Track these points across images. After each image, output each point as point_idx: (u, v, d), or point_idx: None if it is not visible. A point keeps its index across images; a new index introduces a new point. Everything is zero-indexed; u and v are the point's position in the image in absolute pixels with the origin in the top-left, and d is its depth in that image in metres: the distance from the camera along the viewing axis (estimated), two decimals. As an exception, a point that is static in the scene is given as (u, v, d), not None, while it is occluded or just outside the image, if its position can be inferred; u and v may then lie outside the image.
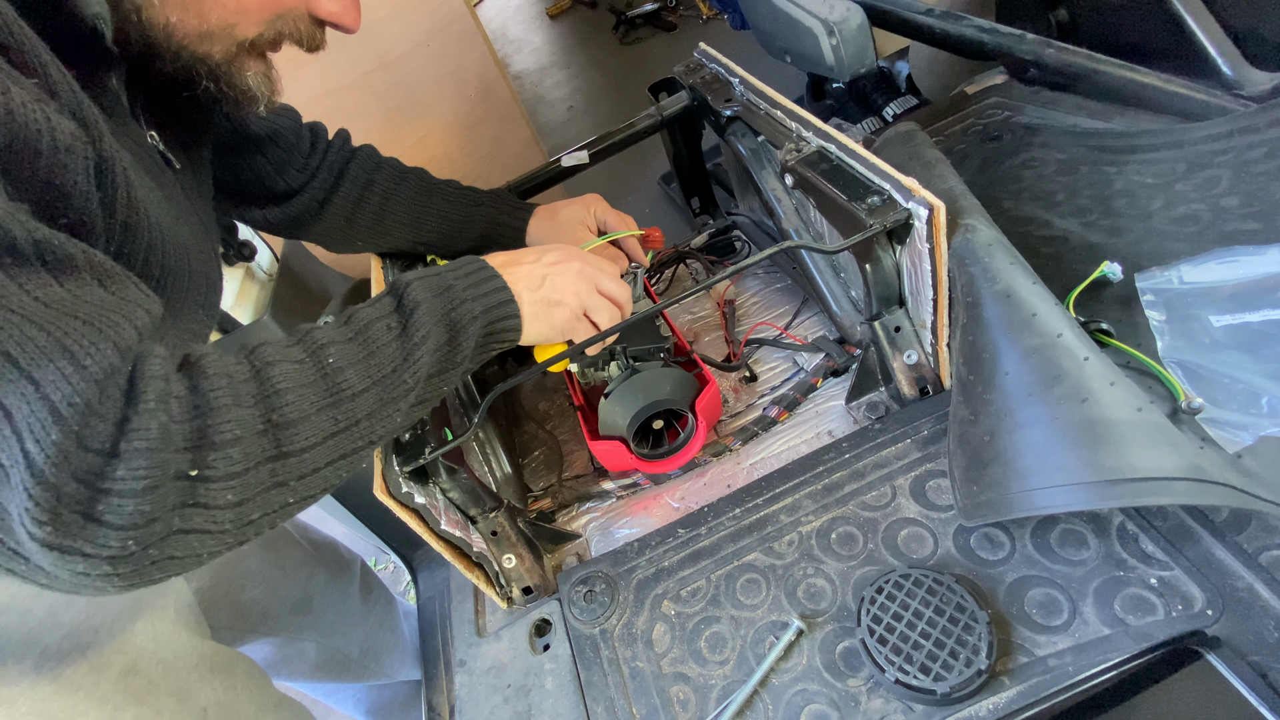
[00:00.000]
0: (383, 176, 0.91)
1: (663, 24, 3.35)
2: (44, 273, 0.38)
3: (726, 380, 1.00)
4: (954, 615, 0.61)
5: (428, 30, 1.54)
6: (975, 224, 0.72)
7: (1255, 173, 0.81)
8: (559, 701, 0.72)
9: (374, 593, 1.20)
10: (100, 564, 0.37)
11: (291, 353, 0.46)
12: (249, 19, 0.54)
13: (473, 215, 0.94)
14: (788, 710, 0.63)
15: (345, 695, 1.26)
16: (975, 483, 0.65)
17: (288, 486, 0.44)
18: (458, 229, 0.94)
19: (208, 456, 0.39)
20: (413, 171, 0.94)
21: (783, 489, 0.79)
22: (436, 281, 0.56)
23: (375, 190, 0.91)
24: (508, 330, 0.62)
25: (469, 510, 0.74)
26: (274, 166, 0.85)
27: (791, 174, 0.81)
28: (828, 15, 1.17)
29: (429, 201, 0.93)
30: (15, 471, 0.34)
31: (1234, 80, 0.91)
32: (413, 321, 0.52)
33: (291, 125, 0.87)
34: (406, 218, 0.92)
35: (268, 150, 0.84)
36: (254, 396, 0.43)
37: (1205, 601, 0.57)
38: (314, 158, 0.88)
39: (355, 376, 0.48)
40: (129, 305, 0.40)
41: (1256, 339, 0.66)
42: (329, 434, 0.46)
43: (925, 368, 0.81)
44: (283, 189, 0.86)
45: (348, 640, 1.10)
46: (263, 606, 0.95)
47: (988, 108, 1.14)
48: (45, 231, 0.38)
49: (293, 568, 1.01)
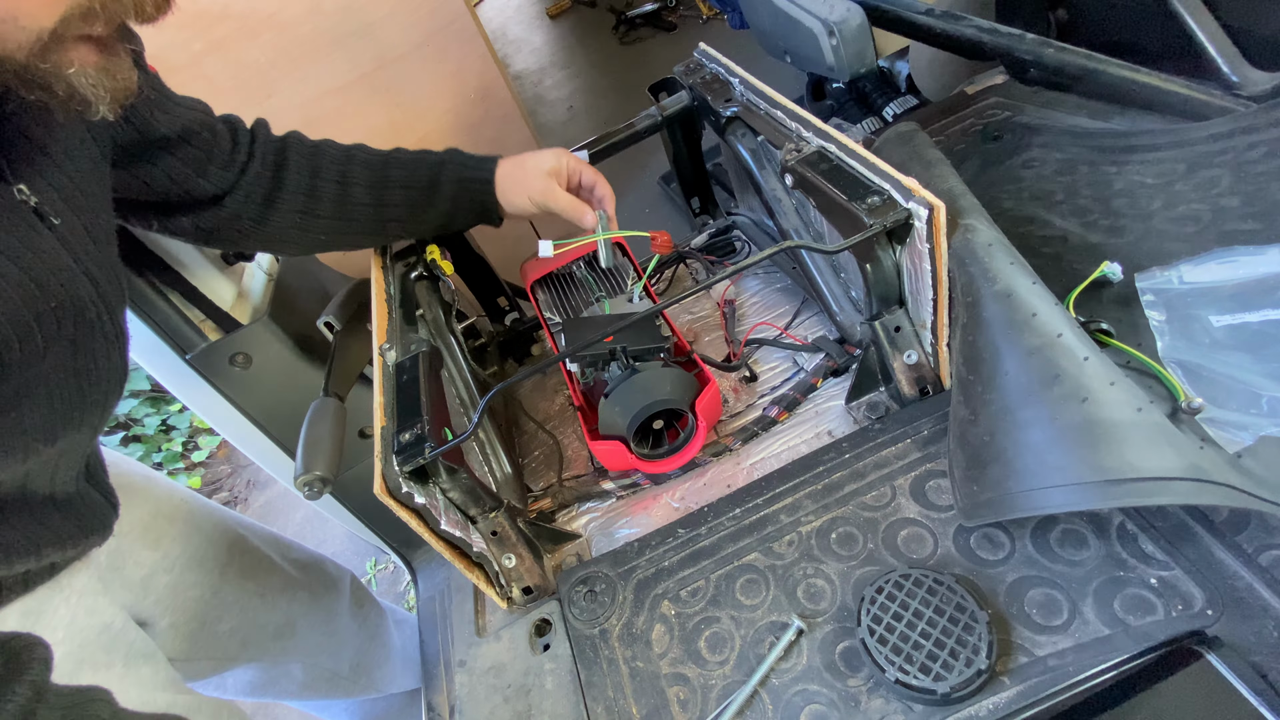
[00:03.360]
0: (327, 160, 0.82)
1: (663, 24, 3.35)
2: None
3: (726, 380, 1.00)
4: (954, 615, 0.61)
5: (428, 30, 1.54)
6: (975, 224, 0.72)
7: (1255, 173, 0.81)
8: (559, 701, 0.72)
9: (364, 607, 1.18)
10: None
11: None
12: (30, 5, 0.42)
13: (437, 178, 0.85)
14: (788, 710, 0.63)
15: (339, 709, 1.25)
16: (975, 483, 0.65)
17: None
18: (425, 197, 0.85)
19: None
20: (355, 148, 0.85)
21: (783, 489, 0.79)
22: None
23: (325, 176, 0.81)
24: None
25: (469, 510, 0.74)
26: (192, 167, 0.74)
27: (791, 174, 0.81)
28: (828, 15, 1.17)
29: (387, 174, 0.83)
30: None
31: (1234, 80, 0.91)
32: None
33: (203, 120, 0.76)
34: (368, 198, 0.83)
35: (178, 150, 0.73)
36: None
37: (1205, 601, 0.57)
38: (238, 152, 0.78)
39: None
40: None
41: (1256, 339, 0.66)
42: None
43: (925, 368, 0.81)
44: (209, 191, 0.76)
45: (336, 658, 1.09)
46: (241, 635, 0.93)
47: (988, 108, 1.14)
48: None
49: (273, 594, 0.99)
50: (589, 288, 1.02)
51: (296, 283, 1.08)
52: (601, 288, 1.02)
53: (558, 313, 1.01)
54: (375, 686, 1.17)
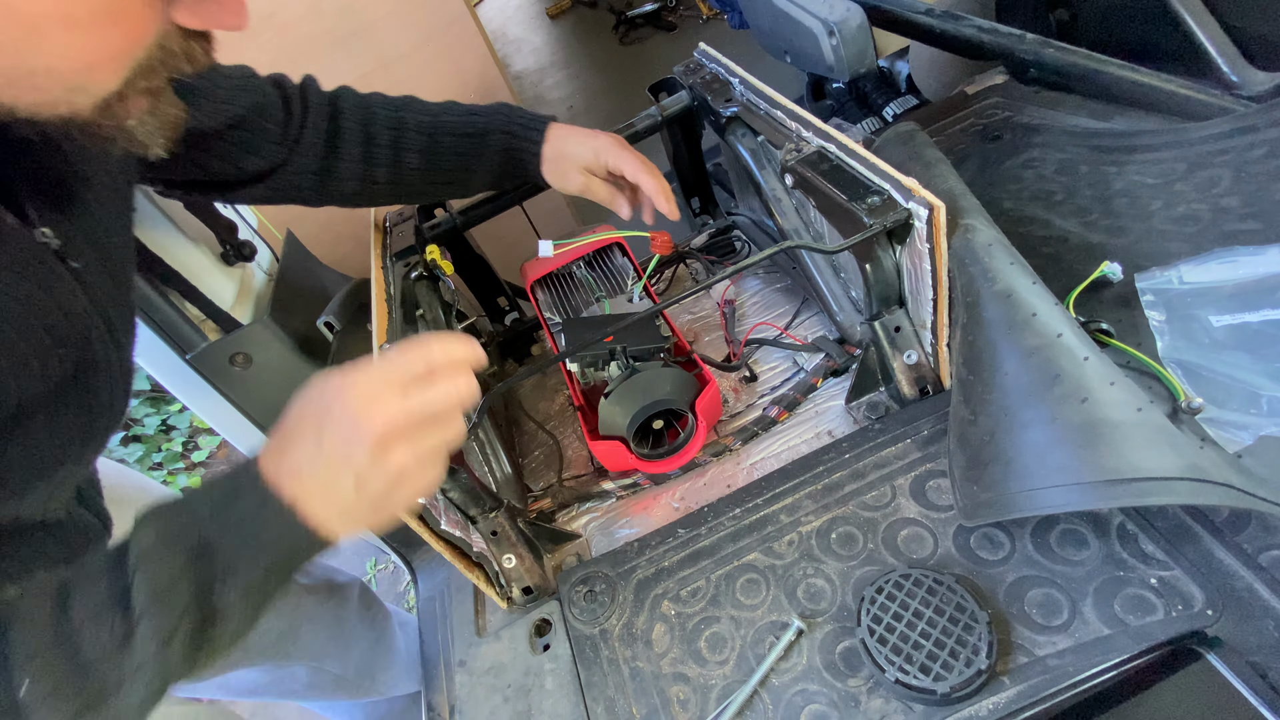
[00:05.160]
0: (380, 126, 0.82)
1: (663, 24, 3.35)
2: None
3: (726, 380, 1.00)
4: (954, 615, 0.61)
5: (428, 30, 1.54)
6: (975, 224, 0.72)
7: (1255, 173, 0.81)
8: (559, 701, 0.72)
9: (372, 611, 1.19)
10: None
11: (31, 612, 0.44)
12: (102, 72, 0.44)
13: (482, 149, 0.85)
14: (788, 710, 0.63)
15: (341, 710, 1.26)
16: (975, 483, 0.65)
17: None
18: (473, 164, 0.85)
19: None
20: (405, 108, 0.84)
21: (783, 489, 0.79)
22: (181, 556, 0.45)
23: (379, 142, 0.82)
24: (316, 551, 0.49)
25: (469, 510, 0.74)
26: (245, 149, 0.76)
27: (791, 174, 0.81)
28: (828, 15, 1.17)
29: (438, 141, 0.83)
30: None
31: (1234, 80, 0.91)
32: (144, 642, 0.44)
33: (253, 100, 0.76)
34: (421, 162, 0.83)
35: (230, 135, 0.75)
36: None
37: (1205, 601, 0.57)
38: (291, 125, 0.78)
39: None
40: None
41: (1256, 339, 0.66)
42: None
43: (925, 368, 0.81)
44: (263, 167, 0.77)
45: (341, 662, 1.09)
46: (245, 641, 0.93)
47: (988, 108, 1.13)
48: None
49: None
50: (589, 288, 1.02)
51: (296, 283, 1.08)
52: (601, 288, 1.02)
53: (558, 313, 1.01)
54: (379, 689, 1.18)
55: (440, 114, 0.85)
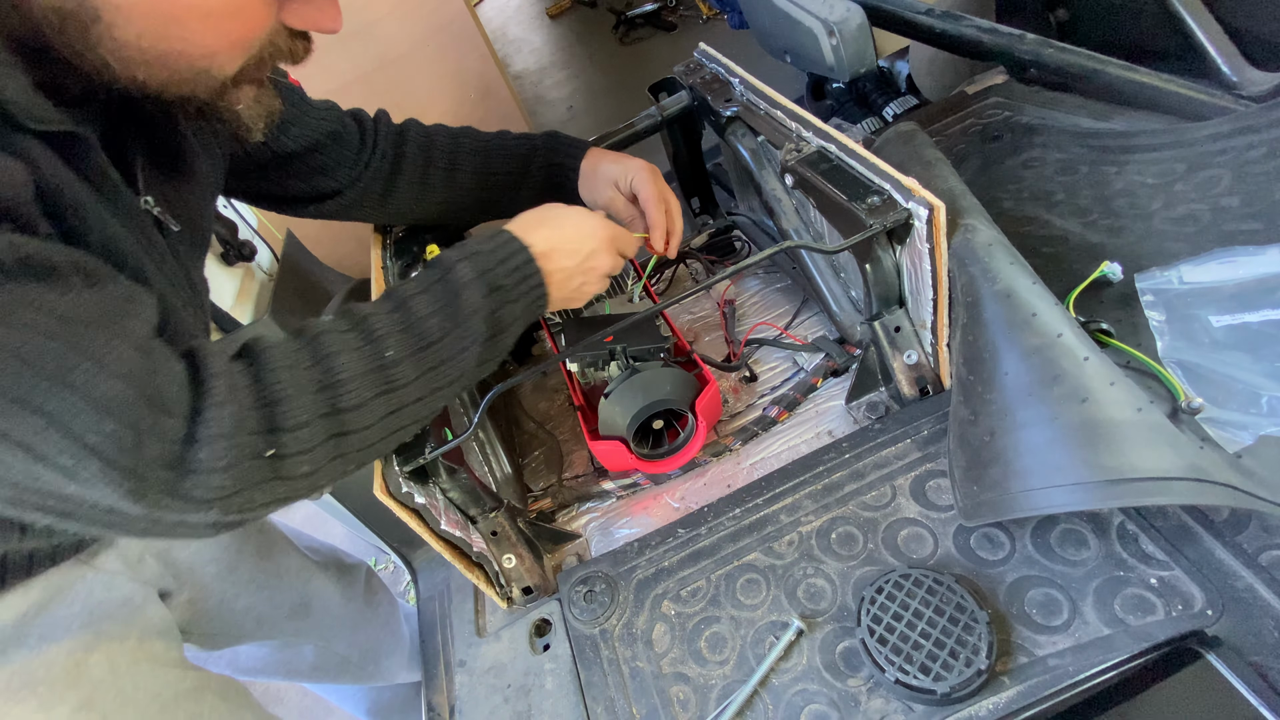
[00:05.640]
0: (439, 151, 0.91)
1: (663, 24, 3.35)
2: (34, 284, 0.40)
3: (726, 380, 1.00)
4: (954, 615, 0.61)
5: (428, 30, 1.54)
6: (975, 224, 0.72)
7: (1255, 173, 0.81)
8: (559, 701, 0.72)
9: (378, 595, 1.20)
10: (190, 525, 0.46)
11: (349, 340, 0.52)
12: (221, 58, 0.51)
13: (528, 167, 0.93)
14: (788, 710, 0.63)
15: (345, 694, 1.27)
16: (975, 483, 0.65)
17: (348, 457, 0.51)
18: (519, 181, 0.94)
19: (280, 438, 0.46)
20: (464, 135, 0.93)
21: (783, 489, 0.79)
22: (490, 279, 0.60)
23: (437, 165, 0.90)
24: (534, 317, 0.67)
25: (469, 510, 0.74)
26: (320, 171, 0.84)
27: (791, 174, 0.81)
28: (828, 15, 1.17)
29: (489, 163, 0.92)
30: (82, 468, 0.39)
31: (1234, 80, 0.91)
32: (463, 321, 0.57)
33: (332, 129, 0.84)
34: (473, 183, 0.92)
35: (309, 158, 0.83)
36: (317, 384, 0.49)
37: (1205, 601, 0.57)
38: (364, 152, 0.87)
39: (410, 368, 0.53)
40: (123, 303, 0.44)
41: (1256, 339, 0.66)
42: (384, 415, 0.52)
43: (925, 368, 0.81)
44: (334, 188, 0.86)
45: (348, 644, 1.11)
46: (257, 613, 0.95)
47: (988, 108, 1.14)
48: (28, 245, 0.41)
49: (290, 574, 1.01)
50: (589, 288, 1.02)
51: (296, 283, 1.08)
52: (601, 288, 1.02)
53: (558, 313, 1.01)
54: (383, 675, 1.19)
55: (493, 139, 0.93)
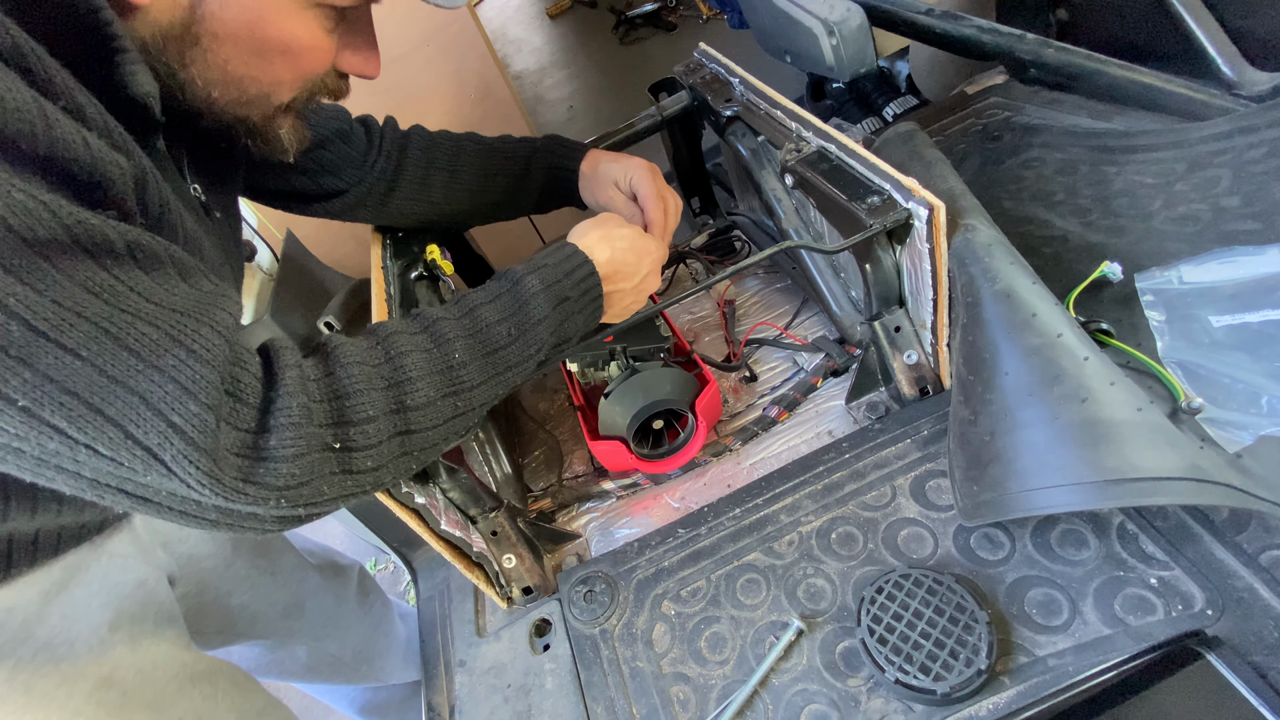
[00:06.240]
0: (440, 153, 0.93)
1: (663, 24, 3.35)
2: (138, 271, 0.42)
3: (726, 380, 1.00)
4: (954, 615, 0.61)
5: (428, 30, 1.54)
6: (975, 224, 0.72)
7: (1255, 173, 0.81)
8: (559, 701, 0.72)
9: (370, 596, 1.20)
10: (260, 518, 0.47)
11: (420, 341, 0.54)
12: (284, 88, 0.59)
13: (529, 169, 0.95)
14: (788, 710, 0.63)
15: (340, 694, 1.27)
16: (975, 483, 0.65)
17: (411, 455, 0.53)
18: (519, 183, 0.96)
19: (348, 431, 0.48)
20: (467, 140, 0.96)
21: (783, 489, 0.79)
22: (556, 291, 0.63)
23: (438, 166, 0.93)
24: (591, 327, 0.71)
25: (469, 510, 0.74)
26: (328, 170, 0.87)
27: (791, 174, 0.81)
28: (828, 15, 1.17)
29: (490, 164, 0.94)
30: (168, 445, 0.40)
31: (1234, 80, 0.91)
32: (529, 330, 0.60)
33: (340, 129, 0.87)
34: (474, 184, 0.94)
35: (317, 157, 0.86)
36: (386, 381, 0.51)
37: (1205, 601, 0.57)
38: (370, 154, 0.89)
39: (476, 372, 0.56)
40: (213, 296, 0.46)
41: (1256, 339, 0.66)
42: (449, 417, 0.54)
43: (925, 368, 0.81)
44: (339, 187, 0.89)
45: (341, 644, 1.11)
46: (251, 611, 0.95)
47: (988, 108, 1.13)
48: (134, 232, 0.42)
49: (284, 573, 1.01)
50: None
51: (296, 283, 1.08)
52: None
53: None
54: (377, 675, 1.19)
55: (494, 143, 0.95)
